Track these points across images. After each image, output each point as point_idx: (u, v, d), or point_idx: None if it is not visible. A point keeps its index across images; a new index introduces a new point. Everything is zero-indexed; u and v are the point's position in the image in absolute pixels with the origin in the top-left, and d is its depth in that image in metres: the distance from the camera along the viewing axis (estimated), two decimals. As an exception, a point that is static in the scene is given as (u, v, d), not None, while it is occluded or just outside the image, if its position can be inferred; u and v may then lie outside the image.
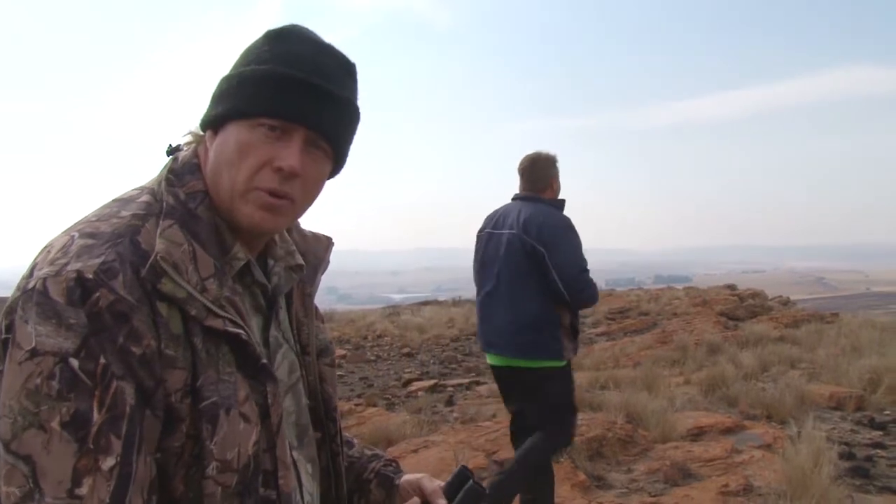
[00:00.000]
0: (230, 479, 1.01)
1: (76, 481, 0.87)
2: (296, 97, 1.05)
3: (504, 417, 6.64)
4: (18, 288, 0.96)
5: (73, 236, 0.98)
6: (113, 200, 1.07)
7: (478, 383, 11.24)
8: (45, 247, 1.00)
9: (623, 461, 5.45)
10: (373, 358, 15.06)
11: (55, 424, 0.88)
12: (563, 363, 3.89)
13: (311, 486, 1.21)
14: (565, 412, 3.98)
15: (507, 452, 5.41)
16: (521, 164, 4.11)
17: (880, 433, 6.79)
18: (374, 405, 8.99)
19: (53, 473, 0.87)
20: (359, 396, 10.31)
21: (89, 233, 0.98)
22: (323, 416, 1.27)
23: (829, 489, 4.33)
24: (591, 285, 3.84)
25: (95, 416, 0.89)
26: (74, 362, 0.89)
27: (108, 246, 0.96)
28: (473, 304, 4.61)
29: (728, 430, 6.34)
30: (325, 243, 1.33)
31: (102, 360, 0.91)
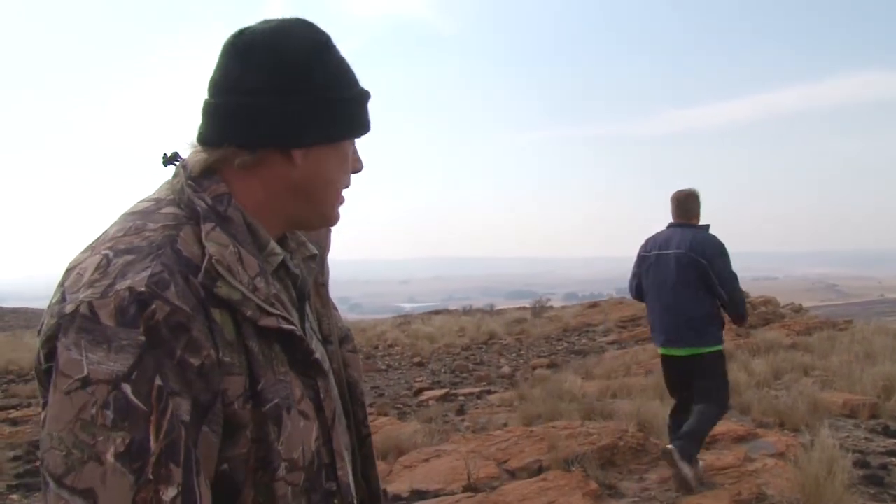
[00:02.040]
0: (298, 477, 1.01)
1: None
2: (368, 108, 1.15)
3: (514, 427, 6.64)
4: (53, 314, 0.93)
5: (106, 255, 0.95)
6: (129, 214, 1.05)
7: (489, 392, 11.24)
8: (72, 268, 0.97)
9: (635, 470, 5.42)
10: (384, 367, 15.07)
11: (110, 456, 0.84)
12: (722, 347, 5.18)
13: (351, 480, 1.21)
14: (725, 382, 5.25)
15: (518, 462, 5.41)
16: (677, 197, 5.30)
17: (894, 441, 6.74)
18: (386, 414, 8.99)
19: None
20: (370, 406, 10.31)
21: (125, 249, 0.95)
22: (349, 402, 1.29)
23: (843, 498, 4.30)
24: (741, 292, 5.14)
25: (153, 444, 0.86)
26: (127, 387, 0.86)
27: (152, 258, 0.94)
28: (483, 314, 5.38)
29: (740, 439, 6.30)
30: (324, 231, 1.37)
31: (158, 382, 0.88)
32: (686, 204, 5.28)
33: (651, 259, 5.28)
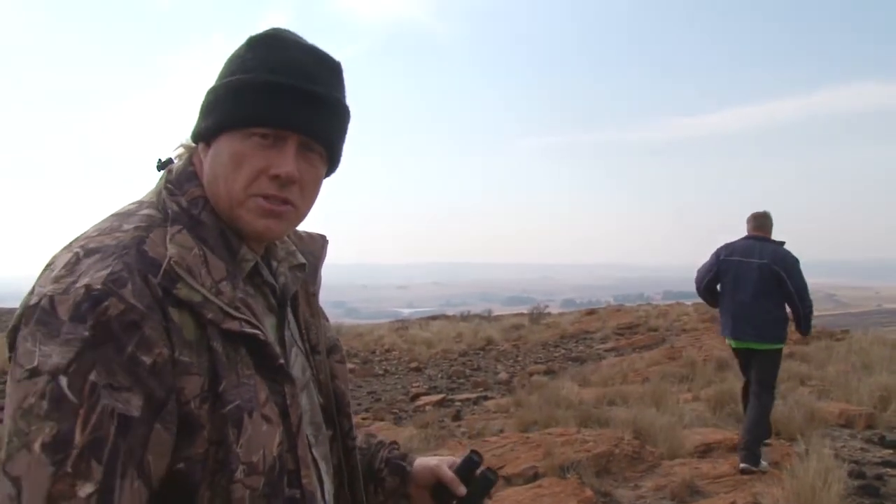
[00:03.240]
0: (257, 481, 1.00)
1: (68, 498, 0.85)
2: (285, 103, 1.05)
3: (510, 433, 6.63)
4: (21, 305, 0.96)
5: (76, 253, 0.97)
6: (112, 215, 1.06)
7: (486, 398, 11.22)
8: (48, 264, 1.00)
9: (630, 477, 5.42)
10: (381, 372, 15.05)
11: (37, 446, 0.85)
12: (783, 346, 6.12)
13: (328, 484, 1.21)
14: (776, 376, 6.18)
15: (513, 468, 5.40)
16: (756, 216, 6.25)
17: (890, 451, 6.73)
18: (382, 419, 8.98)
19: (31, 498, 0.85)
20: (366, 410, 10.30)
21: (93, 248, 0.97)
22: (335, 413, 1.27)
23: (837, 507, 4.30)
24: (811, 304, 6.02)
25: (77, 438, 0.86)
26: (63, 379, 0.87)
27: (115, 257, 0.95)
28: (481, 319, 5.71)
29: (736, 447, 6.29)
30: (320, 242, 1.35)
31: (92, 377, 0.88)
32: (763, 221, 6.20)
33: (734, 264, 6.08)
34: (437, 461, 1.36)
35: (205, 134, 1.09)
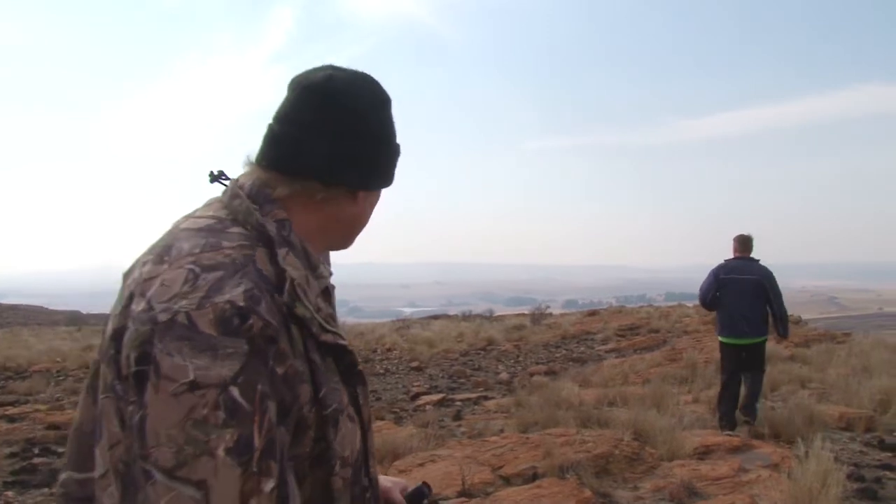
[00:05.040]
0: (347, 472, 1.14)
1: (246, 502, 0.94)
2: None
3: (510, 433, 6.64)
4: (143, 321, 0.99)
5: (192, 270, 1.03)
6: (195, 231, 1.11)
7: (486, 398, 11.23)
8: (150, 279, 1.05)
9: (629, 479, 5.42)
10: (381, 371, 15.06)
11: (221, 451, 0.93)
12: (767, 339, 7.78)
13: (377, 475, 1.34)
14: (764, 359, 7.93)
15: (513, 468, 5.41)
16: (741, 239, 7.82)
17: (890, 454, 6.74)
18: (382, 418, 8.99)
19: (223, 497, 0.93)
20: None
21: (210, 265, 1.04)
22: None
23: (836, 510, 4.31)
24: (786, 310, 7.72)
25: (257, 441, 0.96)
26: (235, 390, 0.95)
27: (240, 275, 1.03)
28: (482, 320, 6.10)
29: (736, 449, 6.30)
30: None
31: (259, 387, 0.98)
32: (748, 243, 7.80)
33: (731, 280, 7.64)
34: (392, 483, 1.47)
35: (375, 185, 1.25)
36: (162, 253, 1.09)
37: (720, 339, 7.90)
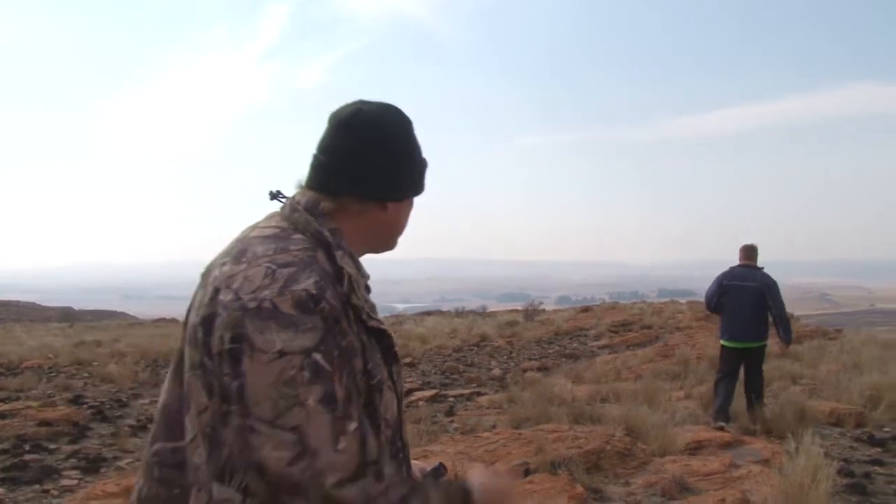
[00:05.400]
0: (388, 433, 1.41)
1: (335, 440, 1.21)
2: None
3: (502, 429, 6.65)
4: (235, 309, 1.24)
5: (269, 267, 1.28)
6: (264, 238, 1.37)
7: (479, 394, 11.24)
8: (233, 275, 1.30)
9: (621, 474, 5.43)
10: (374, 367, 15.06)
11: (312, 402, 1.20)
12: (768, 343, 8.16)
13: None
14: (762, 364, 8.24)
15: (505, 464, 5.41)
16: (746, 248, 8.21)
17: (879, 450, 6.78)
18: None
19: (319, 437, 1.20)
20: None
21: (283, 263, 1.29)
22: None
23: (825, 505, 4.33)
24: (787, 316, 8.14)
25: (339, 393, 1.23)
26: (318, 356, 1.22)
27: (309, 270, 1.29)
28: (475, 316, 6.20)
29: (727, 445, 6.33)
30: None
31: (335, 352, 1.25)
32: (752, 252, 8.19)
33: (734, 287, 8.03)
34: (412, 465, 1.64)
35: (400, 198, 1.50)
36: (238, 255, 1.34)
37: (722, 342, 8.23)
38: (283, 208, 1.47)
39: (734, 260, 8.28)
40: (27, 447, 7.51)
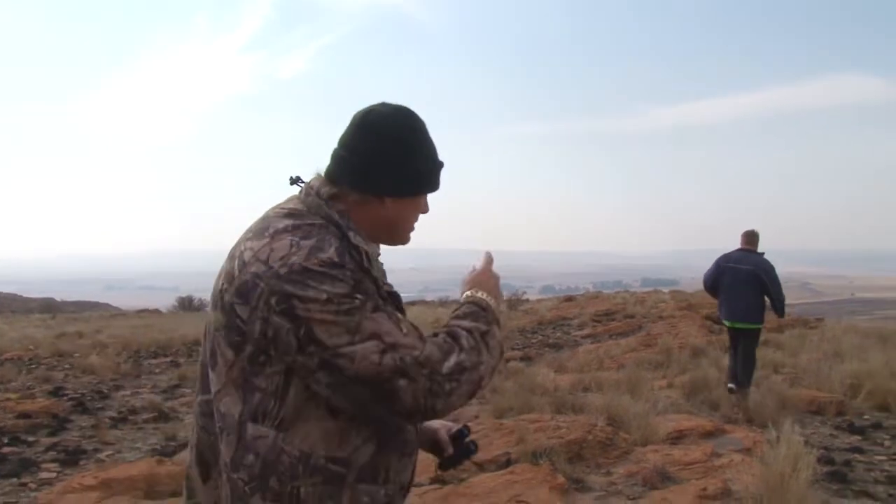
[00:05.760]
0: None
1: (400, 329, 1.46)
2: (440, 175, 1.70)
3: (484, 419, 6.64)
4: (269, 276, 1.43)
5: (292, 240, 1.47)
6: (283, 217, 1.56)
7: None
8: (259, 249, 1.47)
9: (603, 464, 5.42)
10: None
11: (370, 313, 1.43)
12: (762, 326, 8.66)
13: None
14: (757, 343, 8.68)
15: (486, 454, 5.39)
16: (747, 233, 8.54)
17: (859, 438, 6.83)
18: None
19: (390, 332, 1.44)
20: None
21: (305, 236, 1.48)
22: None
23: (806, 494, 4.33)
24: (783, 296, 8.37)
25: (380, 304, 1.48)
26: (357, 294, 1.43)
27: (328, 243, 1.48)
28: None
29: (708, 434, 6.34)
30: None
31: (368, 288, 1.47)
32: (752, 237, 8.53)
33: (729, 269, 8.43)
34: (440, 425, 1.87)
35: (400, 195, 1.63)
36: (261, 232, 1.53)
37: (723, 320, 8.88)
38: (300, 192, 1.64)
39: (718, 249, 8.46)
40: (5, 440, 7.44)
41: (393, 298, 1.62)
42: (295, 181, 1.67)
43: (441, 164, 1.69)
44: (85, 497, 4.37)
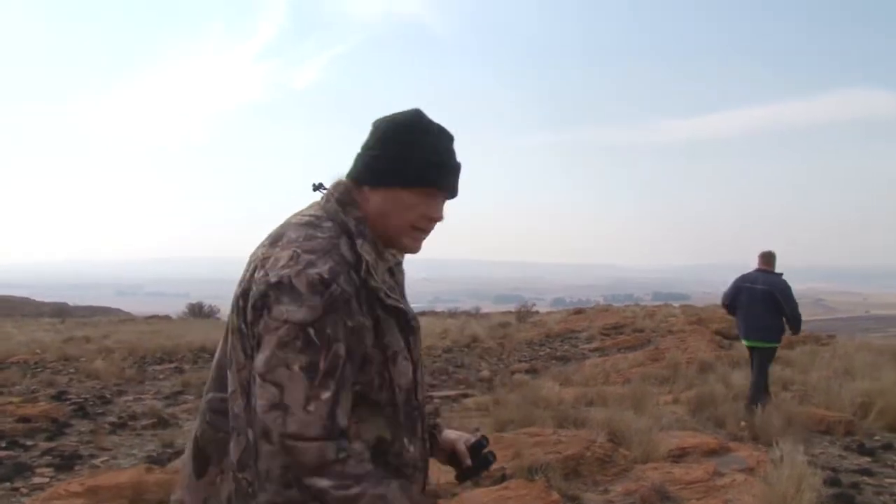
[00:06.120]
0: (403, 395, 1.60)
1: (307, 402, 1.39)
2: (442, 176, 1.63)
3: (484, 431, 6.51)
4: (262, 283, 1.47)
5: (295, 251, 1.49)
6: (299, 225, 1.59)
7: (466, 396, 11.11)
8: (267, 258, 1.52)
9: (600, 481, 5.28)
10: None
11: (297, 368, 1.40)
12: (778, 345, 8.95)
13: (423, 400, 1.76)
14: (770, 362, 8.99)
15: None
16: (764, 255, 8.88)
17: (868, 459, 6.66)
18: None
19: (293, 396, 1.39)
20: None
21: (308, 249, 1.49)
22: None
23: (809, 516, 4.20)
24: (799, 315, 8.61)
25: (321, 365, 1.41)
26: (311, 330, 1.41)
27: (328, 257, 1.48)
28: (468, 317, 6.79)
29: (712, 452, 6.19)
30: None
31: (328, 331, 1.42)
32: (769, 258, 8.86)
33: (745, 288, 8.74)
34: (457, 436, 1.90)
35: (384, 185, 1.61)
36: (276, 239, 1.57)
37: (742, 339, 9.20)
38: (322, 197, 1.68)
39: (730, 264, 8.46)
40: (3, 444, 7.40)
41: (397, 314, 1.60)
42: (318, 188, 1.71)
43: (441, 163, 1.64)
44: (69, 504, 4.29)
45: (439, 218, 1.67)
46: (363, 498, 1.43)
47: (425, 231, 1.67)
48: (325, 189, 1.69)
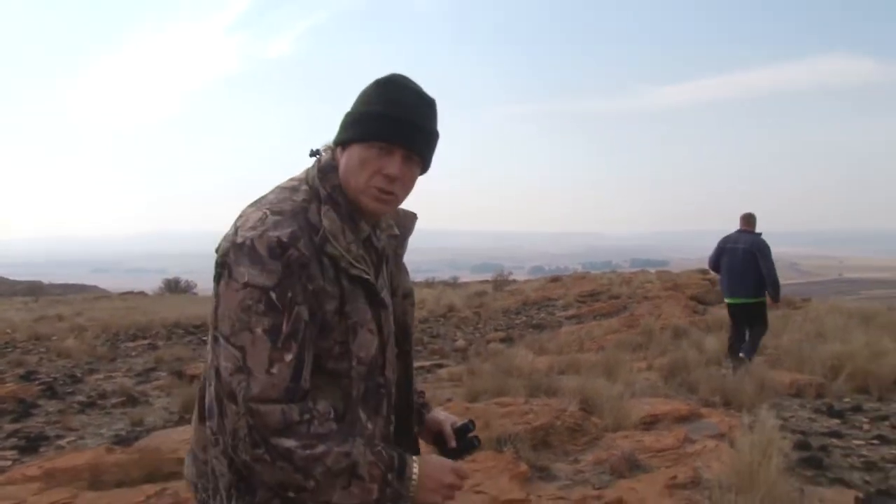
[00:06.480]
0: (363, 369, 1.60)
1: (270, 365, 1.43)
2: (396, 129, 1.57)
3: (455, 402, 6.46)
4: (227, 241, 1.50)
5: (265, 212, 1.52)
6: (282, 188, 1.63)
7: (440, 366, 11.08)
8: (241, 216, 1.55)
9: (571, 451, 5.23)
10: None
11: (259, 331, 1.43)
12: (766, 300, 9.12)
13: (393, 378, 1.73)
14: (766, 318, 9.31)
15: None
16: (745, 216, 9.36)
17: (838, 421, 6.69)
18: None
19: (256, 359, 1.43)
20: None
21: (277, 211, 1.53)
22: (402, 339, 1.80)
23: (777, 481, 4.16)
24: (776, 276, 8.98)
25: (284, 328, 1.44)
26: (273, 294, 1.44)
27: (292, 220, 1.51)
28: (445, 287, 7.29)
29: (683, 419, 6.15)
30: (412, 218, 1.91)
31: (289, 294, 1.45)
32: (750, 219, 9.34)
33: (728, 249, 9.23)
34: (445, 417, 1.92)
35: (343, 141, 1.62)
36: (258, 200, 1.60)
37: (725, 300, 9.65)
38: (314, 163, 1.70)
39: (707, 230, 8.57)
40: (-34, 426, 7.26)
41: (364, 286, 1.60)
42: (314, 154, 1.72)
43: (398, 118, 1.58)
44: (25, 489, 4.17)
45: (395, 174, 1.59)
46: (329, 456, 1.46)
47: (384, 191, 1.60)
48: (320, 154, 1.70)
